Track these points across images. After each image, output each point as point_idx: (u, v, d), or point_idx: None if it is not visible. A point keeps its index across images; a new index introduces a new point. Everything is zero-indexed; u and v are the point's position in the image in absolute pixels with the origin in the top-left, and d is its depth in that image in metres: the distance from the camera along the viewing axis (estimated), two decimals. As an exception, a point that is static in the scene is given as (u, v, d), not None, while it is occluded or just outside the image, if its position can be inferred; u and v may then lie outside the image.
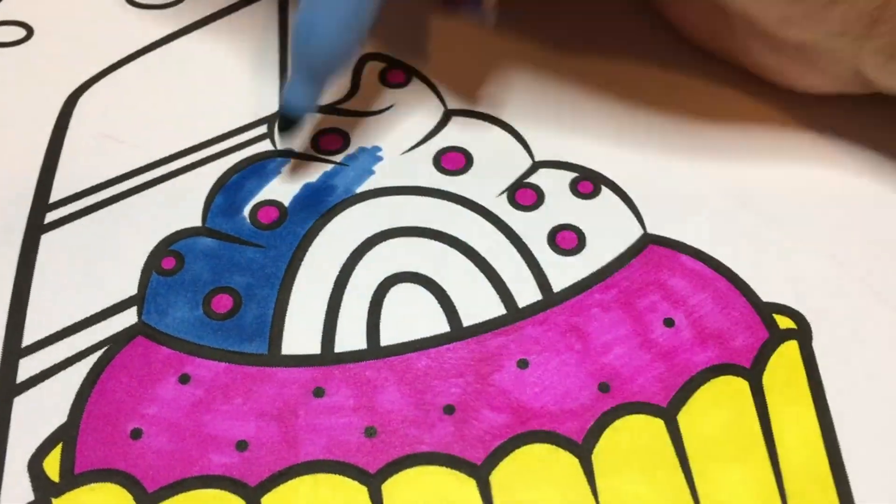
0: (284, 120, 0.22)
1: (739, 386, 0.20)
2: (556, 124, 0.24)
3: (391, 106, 0.24)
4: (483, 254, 0.21)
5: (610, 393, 0.20)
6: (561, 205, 0.22)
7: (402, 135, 0.24)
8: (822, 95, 0.24)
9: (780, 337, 0.20)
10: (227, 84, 0.25)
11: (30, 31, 0.26)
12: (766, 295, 0.21)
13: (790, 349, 0.20)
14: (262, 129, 0.24)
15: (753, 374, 0.20)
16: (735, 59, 0.25)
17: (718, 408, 0.19)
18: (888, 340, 0.20)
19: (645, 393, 0.20)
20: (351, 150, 0.23)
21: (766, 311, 0.21)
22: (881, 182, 0.23)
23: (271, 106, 0.24)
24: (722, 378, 0.20)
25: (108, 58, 0.25)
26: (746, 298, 0.21)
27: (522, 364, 0.20)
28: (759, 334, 0.20)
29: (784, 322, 0.21)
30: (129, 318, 0.20)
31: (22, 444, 0.18)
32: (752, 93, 0.25)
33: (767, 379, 0.20)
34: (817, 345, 0.20)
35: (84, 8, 0.26)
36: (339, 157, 0.23)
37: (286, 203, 0.22)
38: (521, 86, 0.25)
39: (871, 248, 0.22)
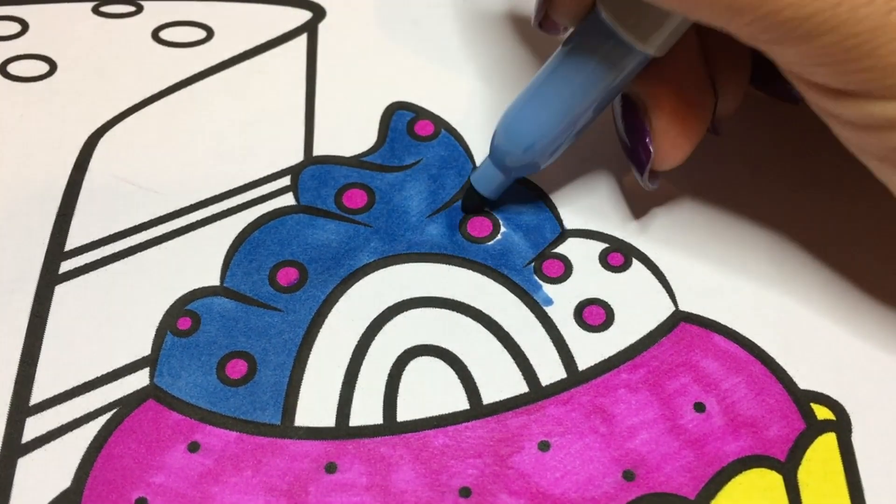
0: (469, 197, 0.22)
1: (773, 480, 0.19)
2: (586, 190, 0.23)
3: (419, 161, 0.23)
4: (506, 327, 0.21)
5: (635, 482, 0.19)
6: (589, 278, 0.21)
7: (428, 194, 0.23)
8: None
9: (817, 429, 0.19)
10: (251, 130, 0.24)
11: (53, 67, 0.25)
12: (803, 382, 0.20)
13: (828, 442, 0.19)
14: (286, 180, 0.23)
15: (788, 468, 0.19)
16: None
17: (750, 503, 0.18)
18: (932, 438, 0.19)
19: (672, 483, 0.19)
20: (376, 208, 0.22)
21: (804, 399, 0.20)
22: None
23: (296, 156, 0.23)
24: (754, 471, 0.19)
25: (132, 97, 0.25)
26: (783, 385, 0.20)
27: (544, 446, 0.19)
28: (795, 425, 0.19)
29: (822, 412, 0.20)
30: (141, 379, 0.20)
31: (24, 511, 0.18)
32: (792, 164, 0.24)
33: (803, 474, 0.19)
34: (857, 439, 0.19)
35: (109, 44, 0.26)
36: (363, 217, 0.22)
37: (307, 264, 0.21)
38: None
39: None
